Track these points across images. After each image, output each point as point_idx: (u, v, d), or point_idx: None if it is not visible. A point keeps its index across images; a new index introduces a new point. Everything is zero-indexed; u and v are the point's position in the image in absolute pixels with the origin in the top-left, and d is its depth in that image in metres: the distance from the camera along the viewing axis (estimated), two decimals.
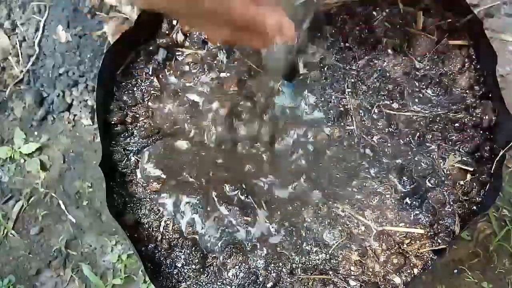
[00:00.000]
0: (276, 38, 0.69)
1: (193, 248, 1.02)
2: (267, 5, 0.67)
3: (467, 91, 1.15)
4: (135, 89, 1.17)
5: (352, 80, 1.16)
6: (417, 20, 1.19)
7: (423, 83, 1.15)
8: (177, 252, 1.03)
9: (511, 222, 1.21)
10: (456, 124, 1.11)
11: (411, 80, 1.16)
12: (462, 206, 1.05)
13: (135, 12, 1.35)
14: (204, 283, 1.01)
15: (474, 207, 1.05)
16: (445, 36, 1.18)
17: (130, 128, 1.14)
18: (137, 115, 1.15)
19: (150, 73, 1.19)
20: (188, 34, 1.21)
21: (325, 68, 1.17)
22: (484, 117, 1.09)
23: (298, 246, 1.02)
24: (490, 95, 1.12)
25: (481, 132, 1.10)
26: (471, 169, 1.07)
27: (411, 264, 1.01)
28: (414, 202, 1.05)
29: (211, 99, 1.15)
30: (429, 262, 1.01)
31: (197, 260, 1.01)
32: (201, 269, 1.01)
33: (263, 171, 1.09)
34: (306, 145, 1.12)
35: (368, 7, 1.21)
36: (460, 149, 1.10)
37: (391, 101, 1.15)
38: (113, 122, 1.12)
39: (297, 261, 1.02)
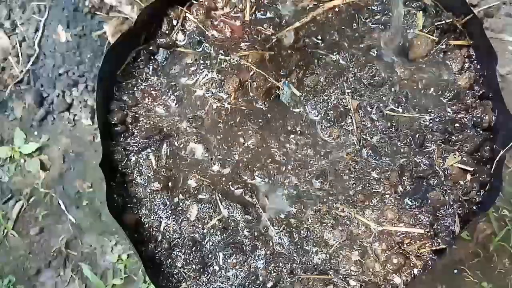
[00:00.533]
0: None
1: (193, 248, 1.02)
2: None
3: (467, 91, 1.15)
4: (135, 89, 1.17)
5: (352, 81, 1.16)
6: (417, 20, 1.19)
7: (423, 83, 1.15)
8: (177, 252, 1.02)
9: (511, 222, 1.21)
10: (456, 124, 1.11)
11: (411, 80, 1.16)
12: (462, 206, 1.05)
13: (135, 12, 1.35)
14: (204, 283, 1.01)
15: (474, 207, 1.06)
16: (445, 36, 1.18)
17: (131, 128, 1.13)
18: (137, 115, 1.15)
19: (150, 73, 1.19)
20: (188, 34, 1.21)
21: (325, 69, 1.17)
22: (484, 117, 1.09)
23: (298, 246, 1.02)
24: (490, 95, 1.12)
25: (481, 132, 1.10)
26: (471, 169, 1.07)
27: (411, 264, 1.01)
28: (414, 202, 1.05)
29: (211, 98, 1.16)
30: (429, 262, 1.01)
31: (197, 260, 1.01)
32: (201, 269, 1.01)
33: (264, 171, 1.10)
34: (306, 145, 1.12)
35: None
36: (460, 149, 1.10)
37: (391, 102, 1.14)
38: (113, 122, 1.12)
39: (297, 261, 1.01)
